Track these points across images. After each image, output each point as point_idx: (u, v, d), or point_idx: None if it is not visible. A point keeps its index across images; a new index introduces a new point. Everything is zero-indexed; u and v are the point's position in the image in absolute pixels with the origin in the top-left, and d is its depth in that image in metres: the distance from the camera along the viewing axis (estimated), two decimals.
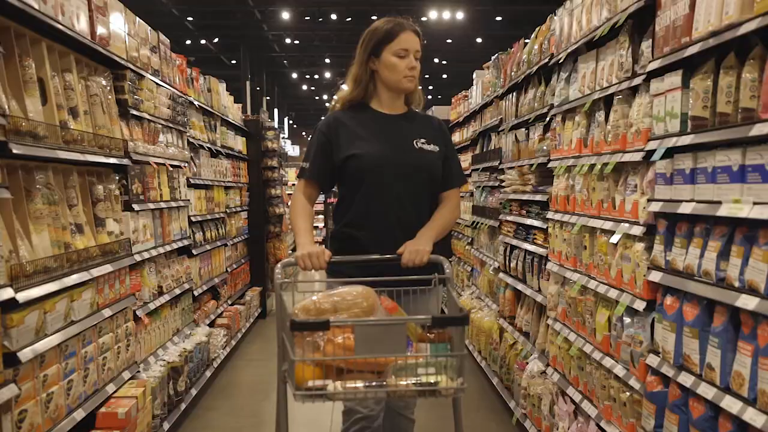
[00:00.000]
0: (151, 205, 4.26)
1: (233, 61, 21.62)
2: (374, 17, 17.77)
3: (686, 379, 2.54)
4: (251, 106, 16.37)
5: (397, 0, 15.97)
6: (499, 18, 16.82)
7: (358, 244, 2.81)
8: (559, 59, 4.05)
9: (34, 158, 2.75)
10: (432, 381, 2.03)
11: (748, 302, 2.16)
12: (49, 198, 2.81)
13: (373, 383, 2.04)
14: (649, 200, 2.86)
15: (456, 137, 8.38)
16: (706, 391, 2.40)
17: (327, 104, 33.87)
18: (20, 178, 2.67)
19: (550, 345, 4.27)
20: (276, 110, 24.68)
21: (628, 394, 3.11)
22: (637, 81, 2.99)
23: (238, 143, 8.28)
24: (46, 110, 2.89)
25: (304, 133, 40.63)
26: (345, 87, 3.03)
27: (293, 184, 16.33)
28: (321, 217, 16.14)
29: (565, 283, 4.00)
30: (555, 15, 4.31)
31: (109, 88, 3.72)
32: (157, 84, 4.57)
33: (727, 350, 2.33)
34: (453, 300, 2.39)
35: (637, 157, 2.94)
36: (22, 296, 2.50)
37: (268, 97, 22.78)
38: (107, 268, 3.32)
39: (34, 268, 2.56)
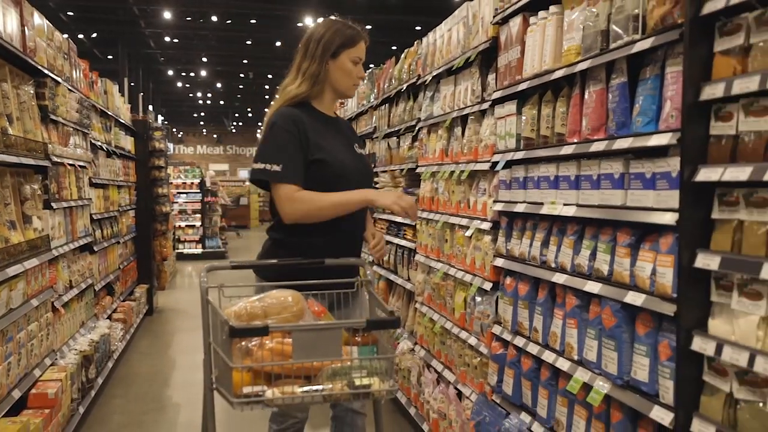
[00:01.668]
0: (64, 204, 4.60)
1: (109, 57, 21.22)
2: (253, 21, 18.09)
3: (520, 341, 3.26)
4: (129, 102, 16.30)
5: (275, 5, 16.39)
6: (369, 26, 17.61)
7: (319, 253, 2.65)
8: (425, 81, 4.74)
9: None
10: (366, 384, 2.05)
11: (560, 278, 2.89)
12: None
13: (309, 388, 2.03)
14: (494, 201, 3.58)
15: None
16: (533, 348, 3.12)
17: (201, 102, 33.56)
18: None
19: (417, 326, 4.96)
20: (151, 107, 24.37)
21: (478, 359, 3.82)
22: (485, 106, 3.70)
23: (128, 143, 8.53)
24: None
25: (175, 130, 39.87)
26: (293, 82, 2.85)
27: (171, 183, 16.20)
28: (198, 215, 16.20)
29: (430, 272, 4.69)
30: (422, 41, 4.99)
31: (32, 94, 4.03)
32: (69, 89, 4.90)
33: (547, 316, 3.07)
34: (380, 303, 2.45)
35: (486, 166, 3.65)
36: None
37: (142, 93, 22.47)
38: (34, 261, 3.66)
39: None
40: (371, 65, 6.80)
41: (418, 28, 15.86)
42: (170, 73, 26.11)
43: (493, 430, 3.42)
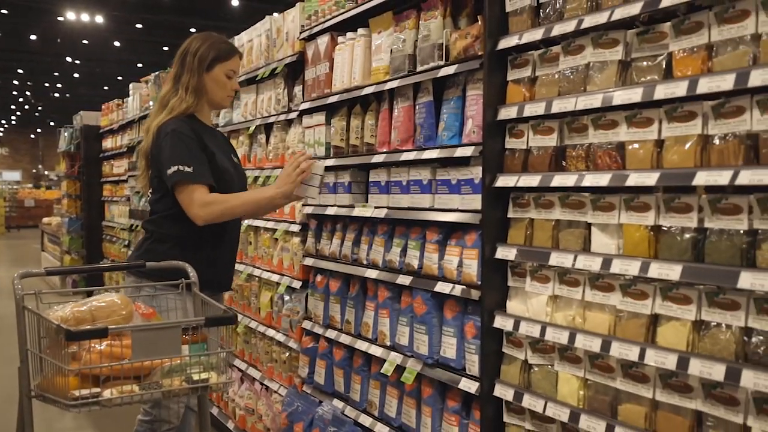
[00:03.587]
0: None
1: None
2: (4, 11, 16.48)
3: (331, 334, 3.54)
4: None
5: None
6: (139, 25, 16.96)
7: (210, 260, 2.84)
8: None
9: None
10: (204, 378, 2.12)
11: (372, 274, 3.21)
12: None
13: (149, 385, 2.07)
14: (303, 205, 3.82)
15: (109, 143, 8.64)
16: (345, 339, 3.42)
17: None
18: None
19: None
20: None
21: (287, 354, 4.04)
22: (293, 115, 3.94)
23: None
24: None
25: None
26: (174, 95, 2.93)
27: None
28: None
29: None
30: None
31: None
32: None
33: (359, 309, 3.38)
34: (211, 302, 2.50)
35: None
36: None
37: None
38: None
39: None
40: (137, 56, 6.68)
41: (192, 30, 15.65)
42: None
43: (306, 418, 3.66)
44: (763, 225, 1.82)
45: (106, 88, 23.72)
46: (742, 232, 1.86)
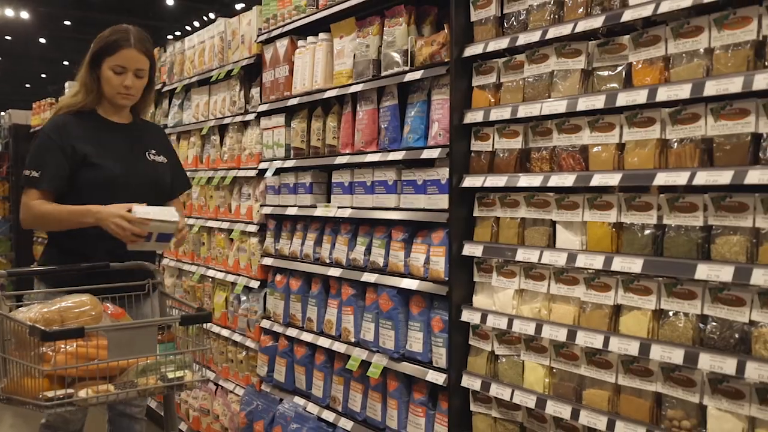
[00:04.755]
0: None
1: None
2: None
3: (292, 332, 3.60)
4: None
5: None
6: (67, 22, 16.41)
7: (86, 257, 2.61)
8: (174, 88, 4.84)
9: None
10: (179, 376, 2.11)
11: (335, 272, 3.29)
12: None
13: (124, 383, 2.06)
14: (261, 206, 3.87)
15: None
16: (307, 337, 3.48)
17: None
18: None
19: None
20: None
21: (244, 353, 4.07)
22: (250, 117, 3.98)
23: None
24: None
25: None
26: (69, 89, 2.89)
27: None
28: None
29: (182, 275, 4.80)
30: (165, 50, 5.06)
31: None
32: None
33: (321, 307, 3.45)
34: (181, 302, 2.52)
35: (252, 173, 3.92)
36: None
37: None
38: None
39: None
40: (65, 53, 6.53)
41: None
42: None
43: (267, 416, 3.70)
44: (717, 221, 2.00)
45: (28, 85, 22.79)
46: (698, 227, 2.04)
